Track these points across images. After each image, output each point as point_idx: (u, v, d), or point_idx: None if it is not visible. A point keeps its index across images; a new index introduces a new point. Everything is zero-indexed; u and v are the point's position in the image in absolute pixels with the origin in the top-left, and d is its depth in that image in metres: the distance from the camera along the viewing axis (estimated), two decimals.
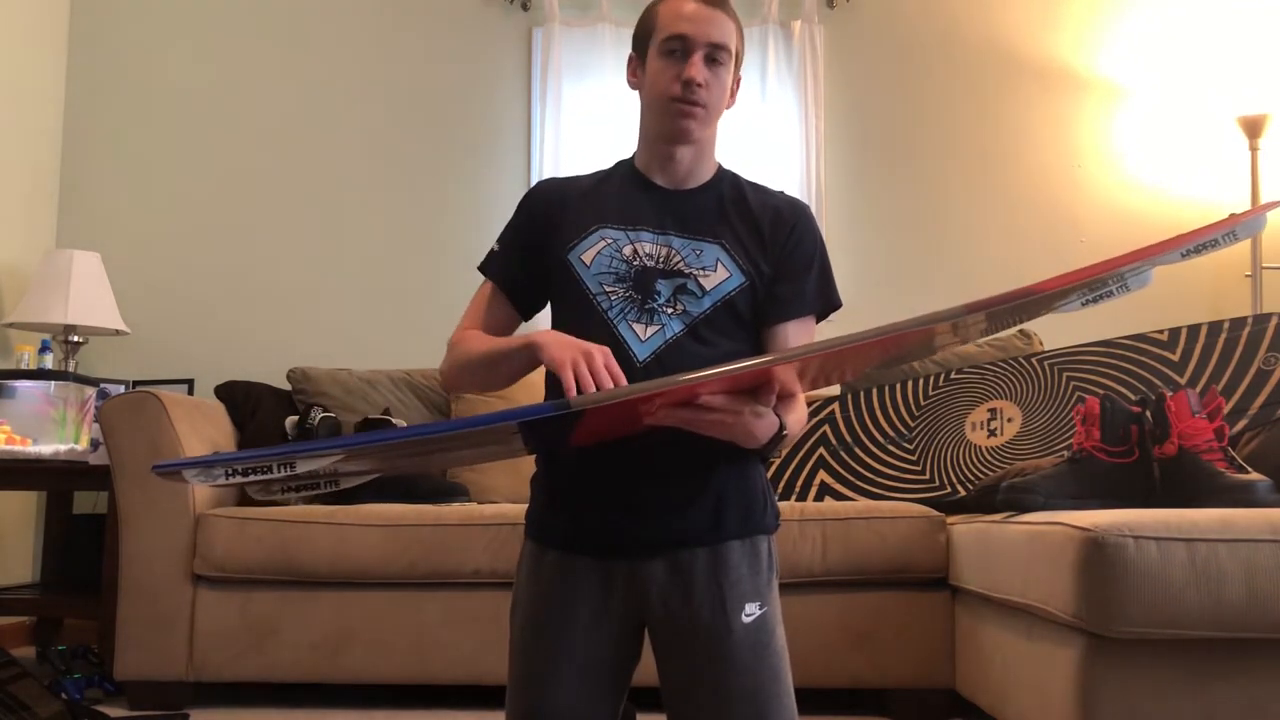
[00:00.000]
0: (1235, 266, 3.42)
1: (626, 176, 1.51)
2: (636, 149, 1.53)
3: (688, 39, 1.41)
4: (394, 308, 3.67)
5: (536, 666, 1.40)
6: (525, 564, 1.47)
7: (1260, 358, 2.63)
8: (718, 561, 1.37)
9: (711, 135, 1.49)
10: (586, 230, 1.45)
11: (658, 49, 1.43)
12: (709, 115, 1.44)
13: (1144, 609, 1.66)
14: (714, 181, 1.50)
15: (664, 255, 1.42)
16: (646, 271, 1.41)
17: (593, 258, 1.43)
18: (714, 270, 1.42)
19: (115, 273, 3.46)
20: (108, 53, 3.81)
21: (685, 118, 1.42)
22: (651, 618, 1.39)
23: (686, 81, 1.40)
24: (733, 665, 1.34)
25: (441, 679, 2.56)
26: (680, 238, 1.43)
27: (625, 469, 1.36)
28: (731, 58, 1.45)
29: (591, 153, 3.44)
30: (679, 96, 1.41)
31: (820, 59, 3.65)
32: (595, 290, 1.41)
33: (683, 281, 1.41)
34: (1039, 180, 3.67)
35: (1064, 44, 3.70)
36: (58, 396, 3.23)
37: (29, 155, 3.65)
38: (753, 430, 1.25)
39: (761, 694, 1.35)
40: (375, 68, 3.78)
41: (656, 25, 1.45)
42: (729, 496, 1.39)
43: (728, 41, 1.43)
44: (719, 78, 1.43)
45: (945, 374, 2.92)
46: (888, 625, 2.49)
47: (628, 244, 1.43)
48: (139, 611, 2.58)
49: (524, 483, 1.53)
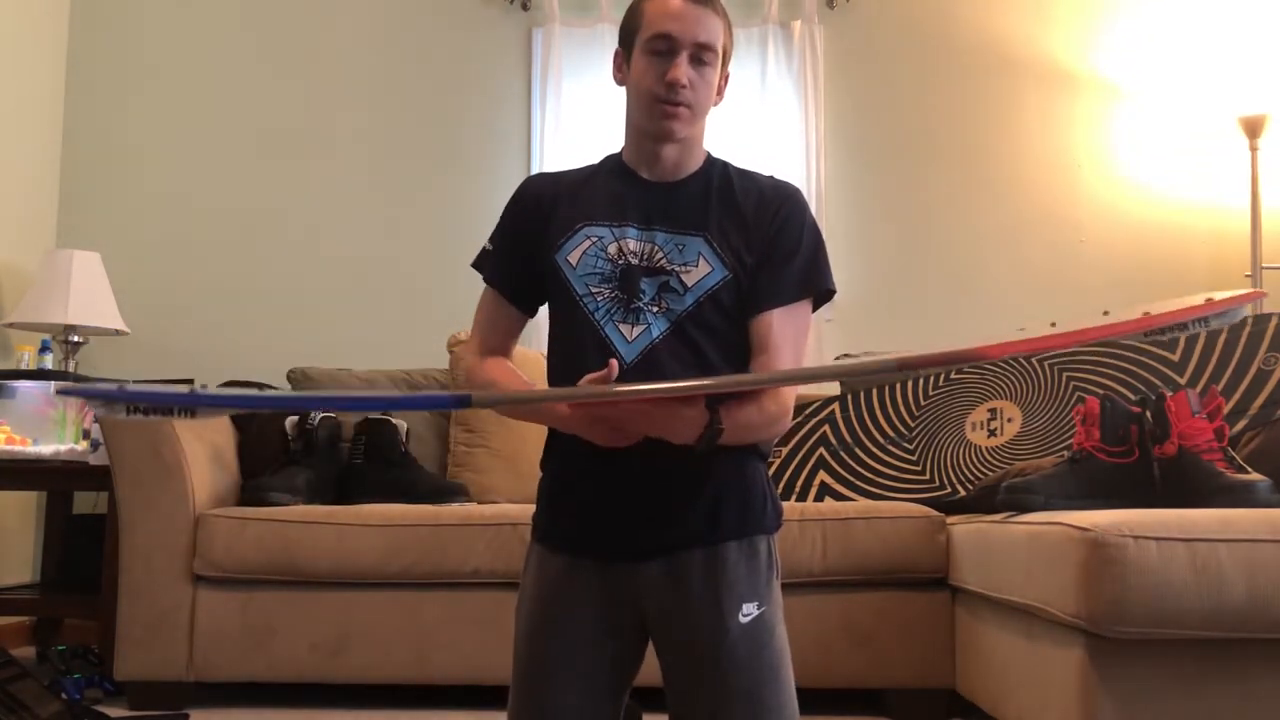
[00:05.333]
0: (1235, 266, 3.42)
1: (614, 171, 1.50)
2: (624, 144, 1.51)
3: (673, 38, 1.38)
4: (394, 308, 3.67)
5: (539, 667, 1.40)
6: (531, 566, 1.46)
7: (1260, 358, 2.63)
8: (714, 562, 1.36)
9: (698, 131, 1.46)
10: (573, 229, 1.44)
11: (643, 47, 1.41)
12: (694, 115, 1.42)
13: (1144, 609, 1.66)
14: (702, 171, 1.47)
15: (648, 252, 1.41)
16: (631, 270, 1.40)
17: (579, 258, 1.42)
18: (696, 265, 1.40)
19: (115, 273, 3.46)
20: (108, 52, 3.81)
21: (669, 119, 1.40)
22: (651, 620, 1.39)
23: (670, 83, 1.38)
24: (730, 665, 1.34)
25: (441, 679, 2.56)
26: (664, 233, 1.42)
27: (624, 471, 1.35)
28: (719, 56, 1.42)
29: (591, 153, 3.42)
30: (663, 97, 1.39)
31: (820, 59, 3.65)
32: (581, 292, 1.40)
33: (665, 279, 1.39)
34: (1038, 180, 3.67)
35: (1064, 44, 3.70)
36: (58, 396, 3.23)
37: (29, 155, 3.64)
38: (678, 427, 1.28)
39: (759, 693, 1.35)
40: (375, 68, 3.78)
41: (643, 22, 1.42)
42: (727, 497, 1.38)
43: (714, 41, 1.40)
44: (705, 77, 1.41)
45: (945, 374, 2.92)
46: (888, 625, 2.49)
47: (613, 241, 1.42)
48: (139, 611, 2.57)
49: (524, 483, 1.54)
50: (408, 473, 2.90)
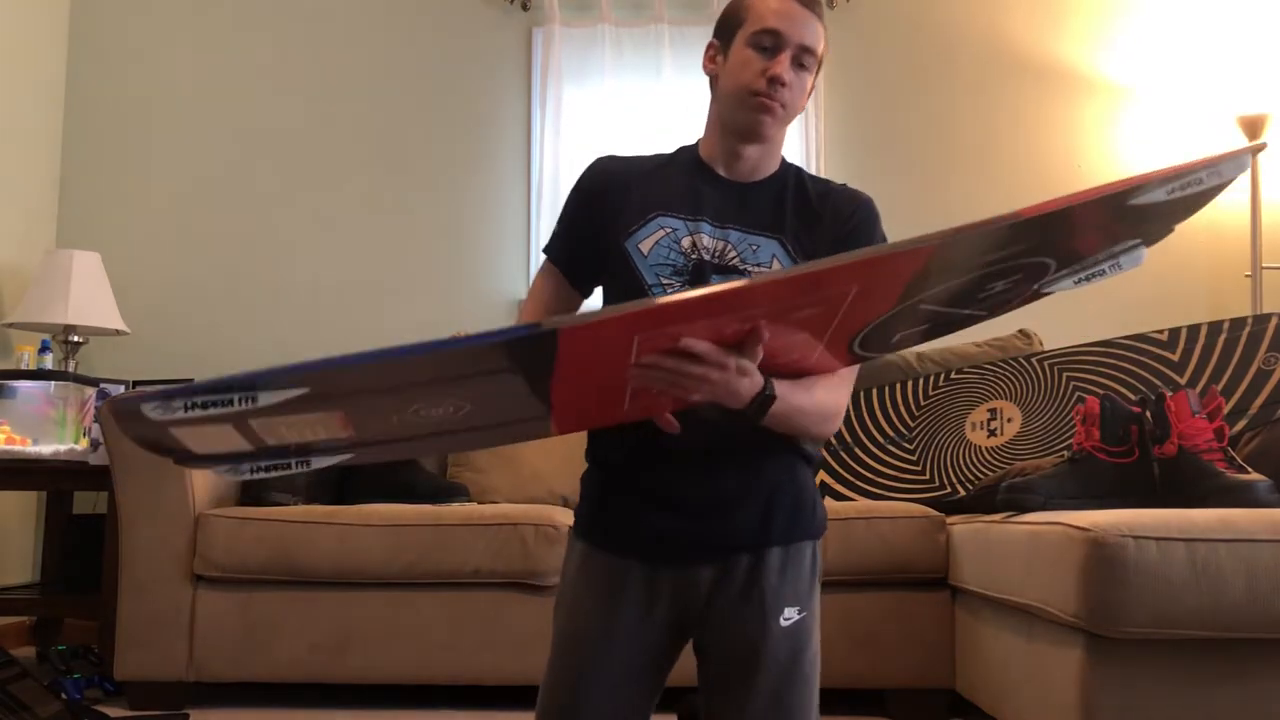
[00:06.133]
0: (1235, 266, 3.42)
1: (689, 164, 1.48)
2: (702, 138, 1.50)
3: (780, 35, 1.38)
4: (394, 307, 3.67)
5: (576, 666, 1.39)
6: (572, 563, 1.45)
7: (1260, 358, 2.63)
8: (761, 564, 1.36)
9: (782, 135, 1.46)
10: (646, 217, 1.42)
11: (746, 39, 1.40)
12: (786, 115, 1.41)
13: (1144, 609, 1.66)
14: (778, 176, 1.47)
15: (720, 250, 1.40)
16: (702, 265, 1.39)
17: (650, 247, 1.40)
18: (769, 267, 1.39)
19: (115, 273, 3.46)
20: (108, 53, 3.81)
21: (763, 112, 1.39)
22: (694, 623, 1.38)
23: (772, 78, 1.37)
24: (766, 665, 1.34)
25: (441, 679, 2.55)
26: (739, 232, 1.41)
27: (674, 469, 1.35)
28: (817, 62, 1.42)
29: (592, 153, 3.42)
30: (762, 90, 1.38)
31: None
32: (652, 281, 1.38)
33: (736, 278, 1.37)
34: (1039, 180, 3.66)
35: (1064, 44, 3.70)
36: (58, 396, 3.24)
37: (29, 155, 3.65)
38: (736, 388, 1.17)
39: (789, 697, 1.35)
40: (375, 68, 3.78)
41: (749, 16, 1.41)
42: (778, 500, 1.38)
43: (816, 46, 1.41)
44: (801, 81, 1.41)
45: (945, 374, 2.92)
46: (888, 625, 2.49)
47: (686, 235, 1.40)
48: (139, 611, 2.58)
49: (524, 483, 1.54)
50: (408, 473, 2.90)
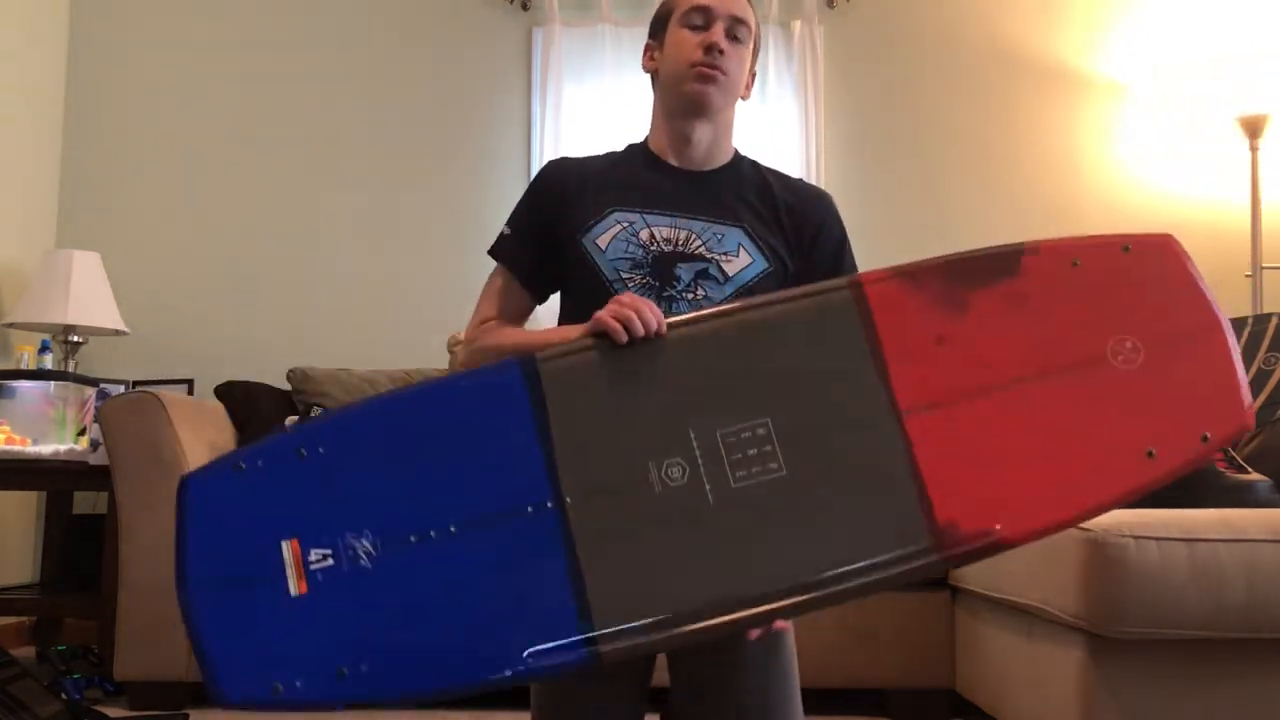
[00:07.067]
0: (1235, 266, 3.42)
1: (641, 158, 1.48)
2: (649, 134, 1.50)
3: (710, 10, 1.43)
4: (394, 307, 3.67)
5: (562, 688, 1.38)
6: None
7: (1260, 358, 2.63)
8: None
9: (729, 118, 1.47)
10: (601, 213, 1.42)
11: (679, 21, 1.44)
12: (729, 85, 1.43)
13: (1144, 609, 1.66)
14: (733, 164, 1.47)
15: (682, 239, 1.39)
16: (665, 257, 1.38)
17: (608, 242, 1.39)
18: (736, 255, 1.38)
19: (115, 273, 3.46)
20: (108, 53, 3.81)
21: (706, 81, 1.41)
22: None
23: (709, 46, 1.40)
24: (745, 666, 1.34)
25: None
26: (700, 221, 1.40)
27: None
28: (750, 37, 1.46)
29: (591, 153, 3.43)
30: (700, 60, 1.40)
31: (820, 59, 3.65)
32: (612, 277, 1.37)
33: (704, 266, 1.37)
34: (1040, 179, 3.67)
35: (1064, 44, 3.70)
36: (57, 396, 3.23)
37: (29, 155, 3.65)
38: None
39: (771, 695, 1.35)
40: (375, 68, 3.78)
41: (677, 5, 1.46)
42: None
43: (747, 17, 1.45)
44: (739, 53, 1.44)
45: None
46: (888, 625, 2.49)
47: (644, 228, 1.40)
48: (139, 611, 2.57)
49: None
50: None
